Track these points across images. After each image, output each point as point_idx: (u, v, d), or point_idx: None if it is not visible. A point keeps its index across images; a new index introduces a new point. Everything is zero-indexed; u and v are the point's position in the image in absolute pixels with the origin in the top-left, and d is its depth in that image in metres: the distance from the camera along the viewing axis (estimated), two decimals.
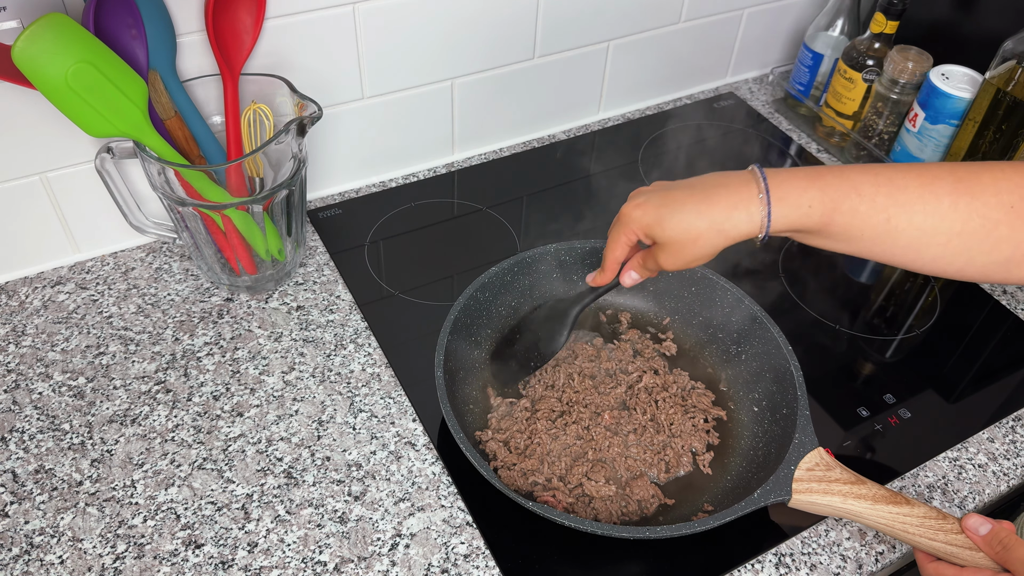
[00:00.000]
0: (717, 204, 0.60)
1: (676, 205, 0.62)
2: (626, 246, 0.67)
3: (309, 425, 0.78)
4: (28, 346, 0.84)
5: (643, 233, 0.65)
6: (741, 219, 0.60)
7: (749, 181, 0.61)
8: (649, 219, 0.63)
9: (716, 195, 0.61)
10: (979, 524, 0.63)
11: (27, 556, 0.68)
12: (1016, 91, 0.91)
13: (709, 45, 1.21)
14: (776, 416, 0.75)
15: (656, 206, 0.63)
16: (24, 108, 0.79)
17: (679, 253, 0.63)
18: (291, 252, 0.90)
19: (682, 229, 0.61)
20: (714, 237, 0.61)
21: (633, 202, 0.65)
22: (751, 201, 0.60)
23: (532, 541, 0.70)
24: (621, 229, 0.66)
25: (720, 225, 0.61)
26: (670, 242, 0.63)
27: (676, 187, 0.64)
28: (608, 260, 0.69)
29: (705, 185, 0.62)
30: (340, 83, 0.95)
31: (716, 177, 0.63)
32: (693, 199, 0.61)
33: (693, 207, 0.61)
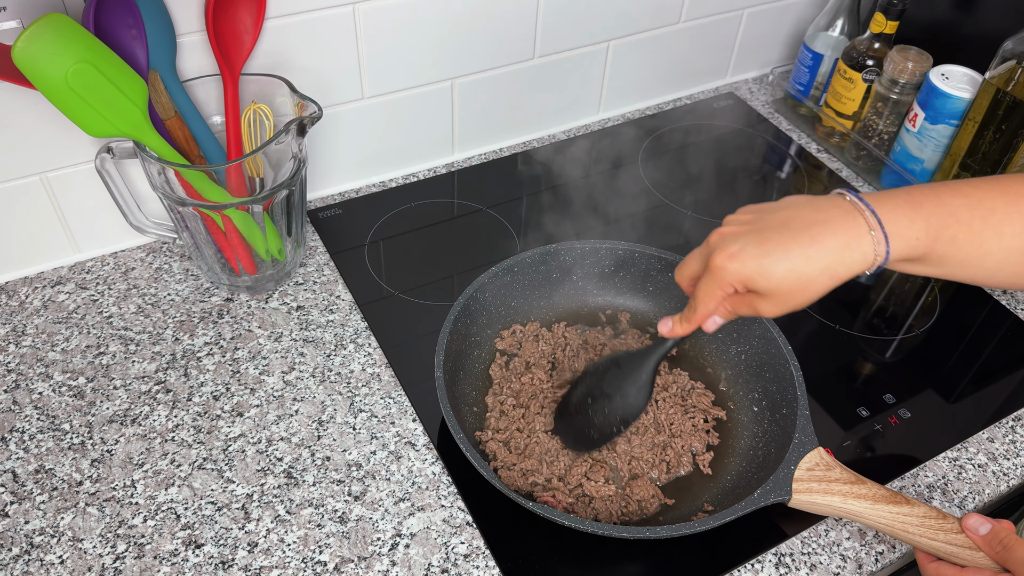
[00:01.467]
0: (826, 245, 0.55)
1: (780, 252, 0.55)
2: (722, 300, 0.60)
3: (309, 425, 0.78)
4: (28, 346, 0.84)
5: (742, 286, 0.57)
6: (855, 259, 0.55)
7: (853, 214, 0.55)
8: (749, 271, 0.56)
9: (822, 235, 0.55)
10: (979, 524, 0.63)
11: (27, 556, 0.68)
12: (1016, 91, 0.91)
13: (709, 45, 1.21)
14: (776, 416, 0.75)
15: (756, 255, 0.56)
16: (24, 108, 0.79)
17: (786, 302, 0.57)
18: (291, 252, 0.90)
19: (792, 278, 0.55)
20: (826, 281, 0.56)
21: (726, 251, 0.57)
22: (862, 238, 0.55)
23: (532, 541, 0.70)
24: (716, 283, 0.58)
25: (833, 269, 0.55)
26: (776, 292, 0.56)
27: (769, 226, 0.57)
28: (699, 315, 0.61)
29: (804, 221, 0.56)
30: (340, 83, 0.95)
31: (811, 210, 0.57)
32: (798, 242, 0.55)
33: (800, 252, 0.55)
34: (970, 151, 0.98)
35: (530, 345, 0.84)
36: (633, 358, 0.71)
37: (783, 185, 1.12)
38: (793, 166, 1.15)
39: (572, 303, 0.89)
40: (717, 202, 1.07)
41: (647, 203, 1.06)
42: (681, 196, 1.07)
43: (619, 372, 0.71)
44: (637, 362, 0.70)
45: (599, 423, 0.72)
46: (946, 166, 1.02)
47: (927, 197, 0.56)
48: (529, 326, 0.86)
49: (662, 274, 0.87)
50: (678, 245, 0.98)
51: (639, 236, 0.99)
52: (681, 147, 1.15)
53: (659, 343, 0.69)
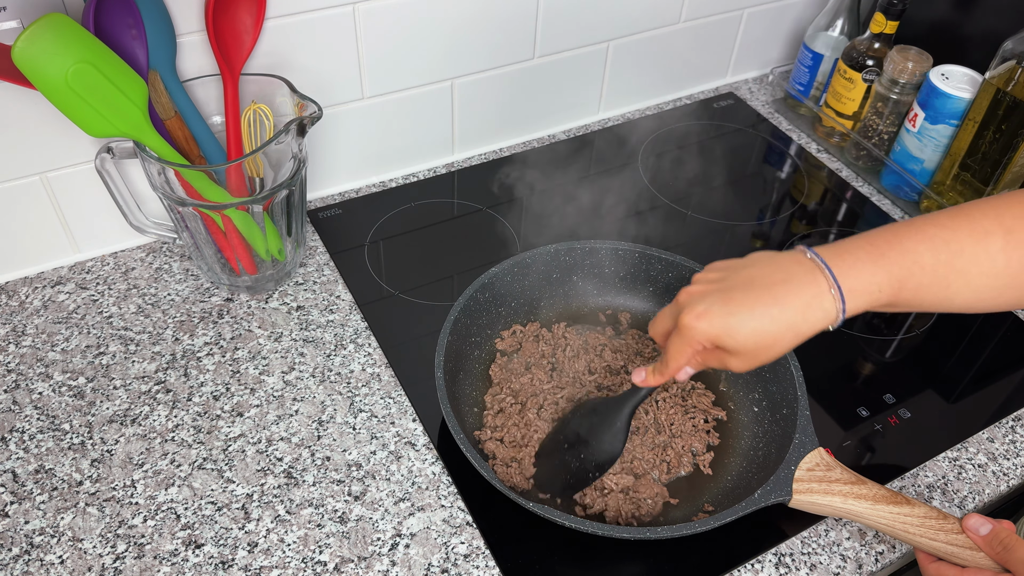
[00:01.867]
0: (789, 305, 0.57)
1: (744, 312, 0.57)
2: (691, 357, 0.62)
3: (309, 425, 0.78)
4: (28, 346, 0.84)
5: (710, 344, 0.59)
6: (817, 317, 0.57)
7: (813, 272, 0.57)
8: (716, 330, 0.58)
9: (784, 295, 0.57)
10: (979, 524, 0.63)
11: (27, 556, 0.68)
12: (1016, 91, 0.91)
13: (709, 45, 1.21)
14: (776, 416, 0.75)
15: (722, 315, 0.58)
16: (24, 108, 0.79)
17: (753, 358, 0.59)
18: (291, 252, 0.90)
19: (757, 337, 0.57)
20: (790, 339, 0.58)
21: (693, 312, 0.59)
22: (823, 296, 0.57)
23: (532, 541, 0.70)
24: (685, 342, 0.60)
25: (797, 327, 0.57)
26: (742, 350, 0.58)
27: (734, 286, 0.59)
28: (671, 369, 0.63)
29: (767, 280, 0.58)
30: (340, 83, 0.95)
31: (773, 268, 0.59)
32: (761, 302, 0.57)
33: (763, 311, 0.57)
34: (970, 151, 0.98)
35: (530, 345, 0.84)
36: (609, 405, 0.72)
37: (783, 185, 1.12)
38: (793, 166, 1.15)
39: (572, 303, 0.89)
40: (717, 202, 1.07)
41: (647, 203, 1.06)
42: (681, 196, 1.07)
43: (595, 419, 0.72)
44: (613, 409, 0.71)
45: (575, 468, 0.72)
46: (946, 166, 1.02)
47: (891, 246, 0.57)
48: (529, 326, 0.86)
49: (662, 274, 0.87)
50: (678, 245, 0.98)
51: (639, 236, 0.99)
52: (681, 147, 1.15)
53: (634, 391, 0.70)
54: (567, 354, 0.83)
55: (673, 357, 0.62)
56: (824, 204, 1.09)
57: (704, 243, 1.00)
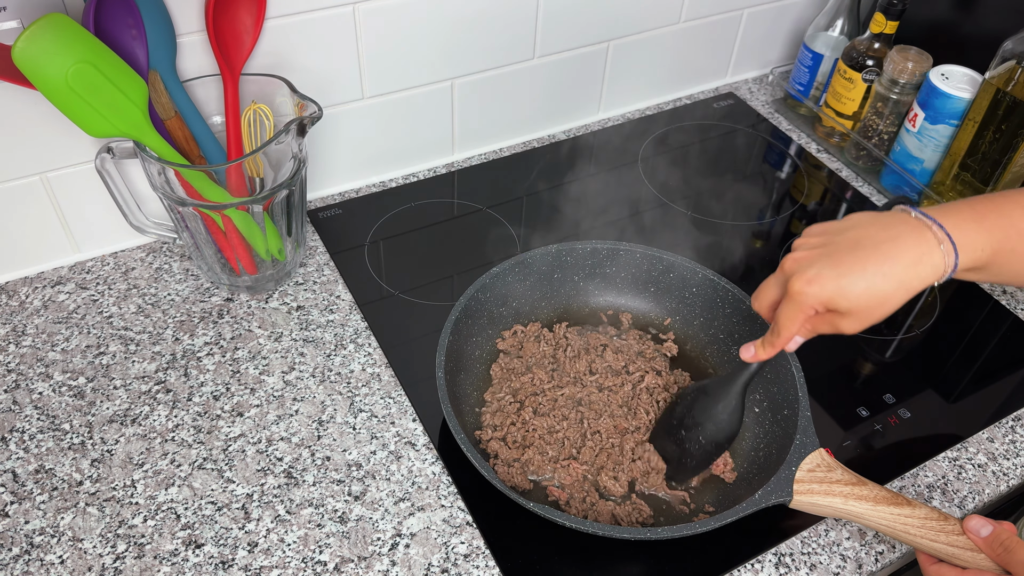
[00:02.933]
0: (899, 261, 0.57)
1: (856, 272, 0.58)
2: (803, 324, 0.62)
3: (309, 425, 0.78)
4: (28, 346, 0.84)
5: (823, 307, 0.60)
6: (927, 272, 0.58)
7: (920, 229, 0.58)
8: (829, 293, 0.58)
9: (894, 252, 0.58)
10: (980, 526, 0.63)
11: (27, 556, 0.68)
12: (1016, 91, 0.91)
13: (709, 45, 1.21)
14: (777, 417, 0.75)
15: (833, 277, 0.58)
16: (24, 108, 0.79)
17: (866, 317, 0.59)
18: (291, 252, 0.90)
19: (869, 296, 0.58)
20: (901, 295, 0.58)
21: (803, 277, 0.59)
22: (932, 252, 0.58)
23: (532, 541, 0.70)
24: (798, 308, 0.60)
25: (908, 283, 0.58)
26: (856, 309, 0.58)
27: (841, 248, 0.59)
28: (783, 338, 0.63)
29: (874, 240, 0.59)
30: (340, 83, 0.95)
31: (879, 228, 0.60)
32: (871, 261, 0.58)
33: (874, 269, 0.57)
34: (970, 151, 0.98)
35: (531, 345, 0.84)
36: (720, 385, 0.72)
37: (783, 185, 1.12)
38: (793, 166, 1.15)
39: (573, 304, 0.89)
40: (717, 202, 1.07)
41: (647, 203, 1.06)
42: (681, 196, 1.07)
43: (707, 400, 0.72)
44: (725, 388, 0.72)
45: (695, 451, 0.72)
46: (946, 166, 1.02)
47: (989, 210, 0.59)
48: (530, 326, 0.86)
49: (664, 275, 0.87)
50: (679, 245, 0.98)
51: (640, 236, 0.99)
52: (681, 147, 1.15)
53: (743, 367, 0.70)
54: (568, 354, 0.83)
55: (785, 326, 0.62)
56: (824, 204, 1.09)
57: (704, 243, 1.00)
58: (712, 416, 0.72)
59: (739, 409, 0.71)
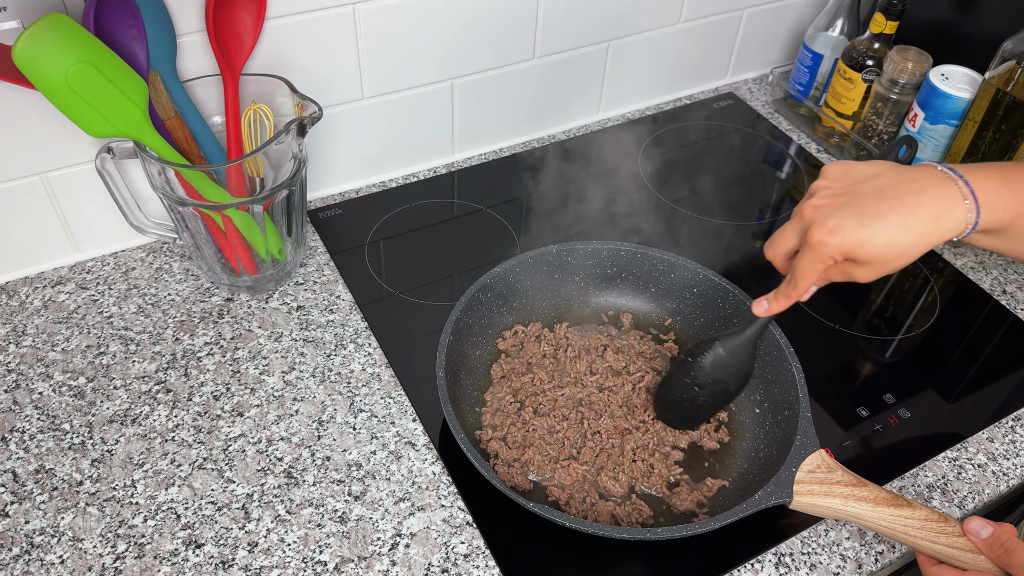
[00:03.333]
0: (923, 214, 0.57)
1: (878, 223, 0.57)
2: (823, 273, 0.61)
3: (309, 425, 0.78)
4: (28, 346, 0.84)
5: (843, 258, 0.59)
6: (948, 227, 0.58)
7: (946, 183, 0.58)
8: (851, 243, 0.57)
9: (918, 204, 0.57)
10: (980, 527, 0.63)
11: (27, 556, 0.68)
12: (1016, 91, 0.91)
13: (709, 45, 1.21)
14: (777, 418, 0.75)
15: (855, 228, 0.57)
16: (24, 108, 0.79)
17: (883, 268, 0.59)
18: (291, 252, 0.90)
19: (889, 248, 0.57)
20: (921, 248, 0.58)
21: (824, 227, 0.58)
22: (956, 207, 0.57)
23: (532, 541, 0.70)
24: (817, 258, 0.59)
25: (928, 236, 0.57)
26: (875, 260, 0.58)
27: (863, 196, 0.58)
28: (800, 289, 0.63)
29: (898, 190, 0.58)
30: (340, 83, 0.95)
31: (903, 179, 0.59)
32: (895, 212, 0.57)
33: (898, 221, 0.57)
34: (970, 151, 0.98)
35: (532, 346, 0.84)
36: (731, 339, 0.73)
37: (783, 185, 1.12)
38: (793, 166, 1.15)
39: (574, 304, 0.89)
40: (717, 202, 1.07)
41: (647, 203, 1.06)
42: (681, 196, 1.07)
43: (722, 356, 0.73)
44: (737, 342, 0.72)
45: (708, 404, 0.75)
46: None
47: (1013, 172, 0.59)
48: (531, 327, 0.86)
49: (664, 275, 0.87)
50: (679, 245, 0.98)
51: (640, 236, 0.99)
52: (681, 147, 1.15)
53: (753, 320, 0.71)
54: (568, 354, 0.83)
55: (803, 276, 0.61)
56: None
57: (704, 243, 1.00)
58: (727, 370, 0.73)
59: (751, 360, 0.72)
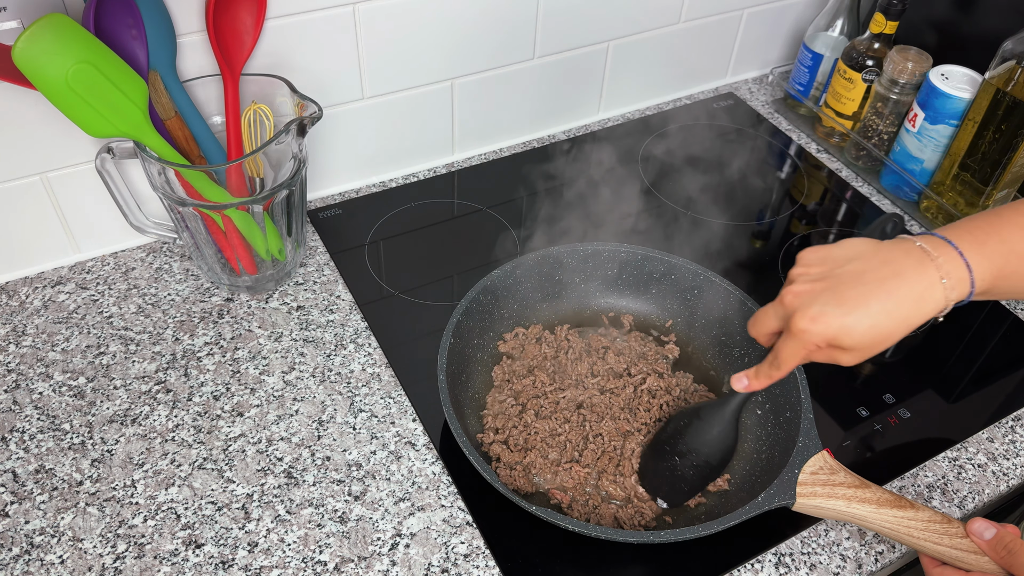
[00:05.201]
0: (904, 300, 0.57)
1: (860, 311, 0.56)
2: (805, 360, 0.61)
3: (309, 425, 0.78)
4: (28, 346, 0.84)
5: (826, 345, 0.58)
6: (929, 308, 0.57)
7: (924, 263, 0.57)
8: (833, 331, 0.57)
9: (897, 289, 0.57)
10: (984, 528, 0.63)
11: (27, 556, 0.68)
12: (1016, 91, 0.91)
13: (709, 45, 1.21)
14: (779, 419, 0.75)
15: (837, 316, 0.57)
16: (24, 108, 0.79)
17: (866, 353, 0.58)
18: (291, 252, 0.90)
19: (872, 333, 0.57)
20: (903, 331, 0.58)
21: (807, 315, 0.58)
22: (934, 288, 0.57)
23: (532, 541, 0.70)
24: (800, 345, 0.59)
25: (910, 320, 0.57)
26: (858, 347, 0.58)
27: (843, 282, 0.58)
28: (782, 372, 0.62)
29: (877, 275, 0.58)
30: (340, 83, 0.95)
31: (879, 261, 0.59)
32: (876, 298, 0.57)
33: (879, 307, 0.56)
34: (970, 151, 0.98)
35: (532, 348, 0.84)
36: (713, 409, 0.71)
37: (782, 185, 1.12)
38: (793, 166, 1.15)
39: (575, 306, 0.89)
40: (717, 202, 1.07)
41: (647, 204, 1.06)
42: (681, 196, 1.07)
43: (701, 424, 0.71)
44: (719, 413, 0.70)
45: (690, 476, 0.72)
46: (946, 166, 1.02)
47: (989, 236, 0.59)
48: (532, 329, 0.86)
49: (664, 276, 0.87)
50: (679, 246, 0.98)
51: (640, 237, 0.99)
52: (681, 147, 1.15)
53: (731, 396, 0.69)
54: (570, 356, 0.83)
55: (786, 360, 0.61)
56: (824, 204, 1.09)
57: (705, 244, 1.00)
58: (707, 441, 0.71)
59: (733, 433, 0.70)
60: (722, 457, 0.71)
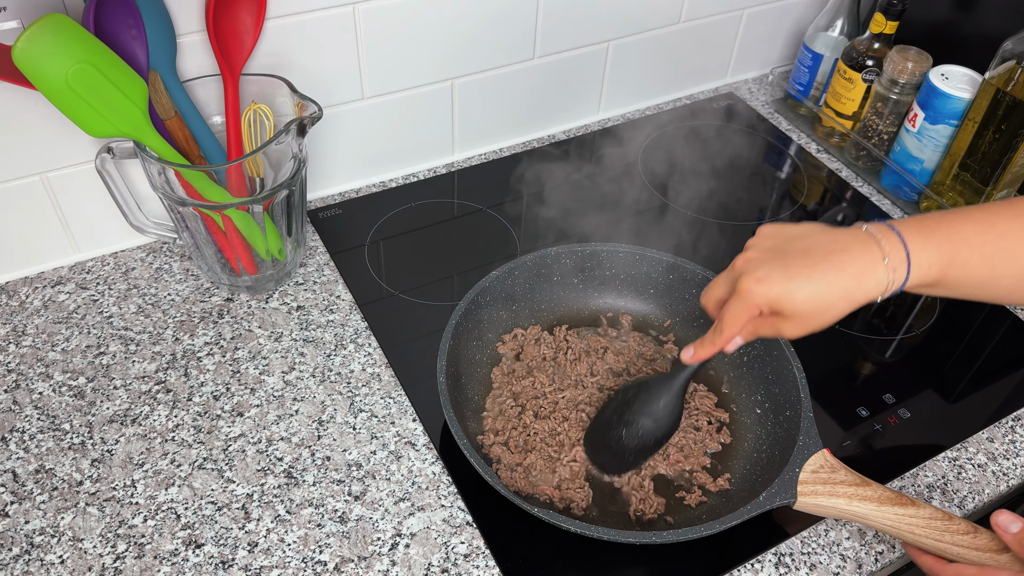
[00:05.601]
0: (845, 272, 0.60)
1: (803, 277, 0.60)
2: (746, 323, 0.63)
3: (309, 425, 0.78)
4: (28, 346, 0.84)
5: (768, 308, 0.61)
6: (870, 285, 0.60)
7: (868, 243, 0.60)
8: (776, 293, 0.60)
9: (841, 263, 0.60)
10: (1010, 522, 0.62)
11: (27, 556, 0.68)
12: (1016, 91, 0.91)
13: (709, 45, 1.21)
14: (779, 418, 0.75)
15: (782, 280, 0.60)
16: (24, 108, 0.79)
17: (807, 322, 0.61)
18: (291, 252, 0.90)
19: (814, 301, 0.59)
20: (844, 305, 0.60)
21: (753, 276, 0.61)
22: (876, 266, 0.59)
23: (533, 541, 0.70)
24: (744, 306, 0.62)
25: (851, 294, 0.60)
26: (799, 313, 0.60)
27: (792, 253, 0.61)
28: (725, 336, 0.64)
29: (824, 250, 0.61)
30: (340, 83, 0.95)
31: (829, 239, 0.62)
32: (819, 269, 0.60)
33: (820, 276, 0.59)
34: (970, 151, 0.98)
35: (531, 349, 0.84)
36: (661, 382, 0.72)
37: (782, 185, 1.12)
38: (793, 166, 1.15)
39: (573, 306, 0.89)
40: (717, 202, 1.07)
41: (647, 204, 1.06)
42: (681, 196, 1.07)
43: (648, 395, 0.73)
44: (666, 385, 0.72)
45: (634, 447, 0.73)
46: (946, 166, 1.02)
47: (939, 225, 0.61)
48: (531, 330, 0.86)
49: (664, 276, 0.87)
50: (679, 246, 0.98)
51: (640, 237, 0.99)
52: (681, 147, 1.15)
53: (683, 366, 0.70)
54: (569, 357, 0.83)
55: (729, 323, 0.63)
56: (824, 204, 1.09)
57: (704, 244, 1.00)
58: (652, 412, 0.72)
59: (679, 407, 0.72)
60: (667, 429, 0.73)
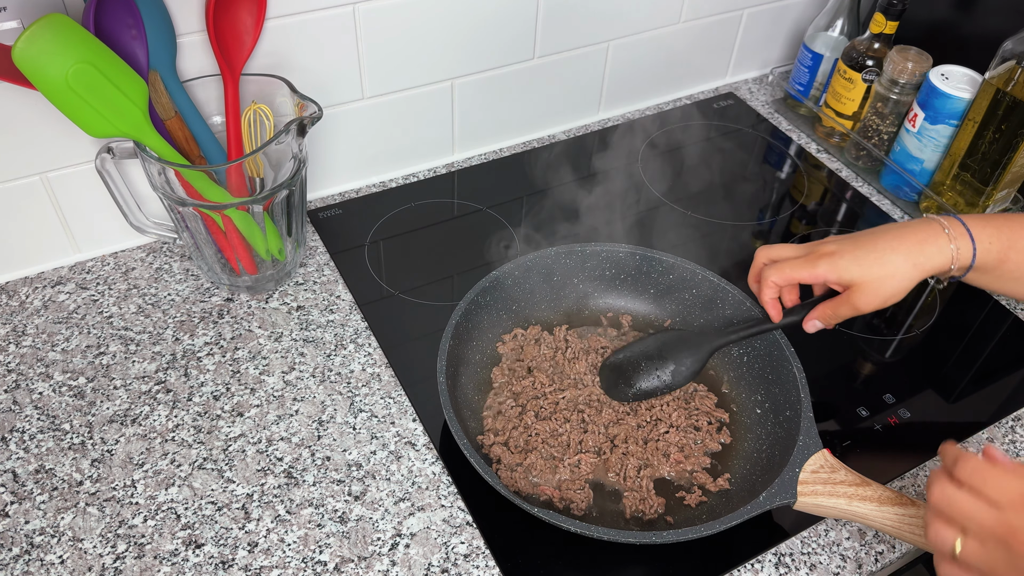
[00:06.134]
0: (907, 239, 0.66)
1: (868, 246, 0.67)
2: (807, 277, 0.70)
3: (309, 425, 0.78)
4: (28, 346, 0.84)
5: (835, 275, 0.68)
6: (932, 252, 0.66)
7: (929, 220, 0.68)
8: (846, 260, 0.67)
9: (902, 233, 0.67)
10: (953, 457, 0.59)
11: (27, 556, 0.68)
12: (1016, 91, 0.91)
13: (709, 45, 1.21)
14: (779, 418, 0.75)
15: (850, 249, 0.68)
16: (24, 108, 0.79)
17: (876, 291, 0.67)
18: (291, 252, 0.90)
19: (879, 266, 0.66)
20: (909, 270, 0.66)
21: (825, 247, 0.69)
22: (938, 236, 0.66)
23: (532, 541, 0.70)
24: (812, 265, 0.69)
25: (915, 258, 0.66)
26: (867, 281, 0.67)
27: (860, 235, 0.69)
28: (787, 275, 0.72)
29: (888, 228, 0.69)
30: (340, 83, 0.95)
31: (896, 224, 0.69)
32: (884, 239, 0.67)
33: (886, 244, 0.67)
34: (970, 151, 0.98)
35: (531, 349, 0.84)
36: (697, 335, 0.79)
37: (783, 185, 1.12)
38: (793, 166, 1.15)
39: (574, 306, 0.89)
40: (717, 202, 1.07)
41: (647, 204, 1.06)
42: (681, 196, 1.07)
43: (682, 344, 0.79)
44: (699, 339, 0.79)
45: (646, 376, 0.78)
46: (946, 166, 1.02)
47: (996, 217, 0.68)
48: (531, 330, 0.86)
49: (663, 276, 0.87)
50: (679, 246, 0.98)
51: (640, 237, 0.99)
52: (681, 147, 1.15)
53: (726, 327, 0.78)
54: (568, 357, 0.83)
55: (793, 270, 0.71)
56: (824, 204, 1.09)
57: (704, 243, 1.00)
58: (675, 353, 0.78)
59: (701, 362, 0.78)
60: (683, 379, 0.78)
